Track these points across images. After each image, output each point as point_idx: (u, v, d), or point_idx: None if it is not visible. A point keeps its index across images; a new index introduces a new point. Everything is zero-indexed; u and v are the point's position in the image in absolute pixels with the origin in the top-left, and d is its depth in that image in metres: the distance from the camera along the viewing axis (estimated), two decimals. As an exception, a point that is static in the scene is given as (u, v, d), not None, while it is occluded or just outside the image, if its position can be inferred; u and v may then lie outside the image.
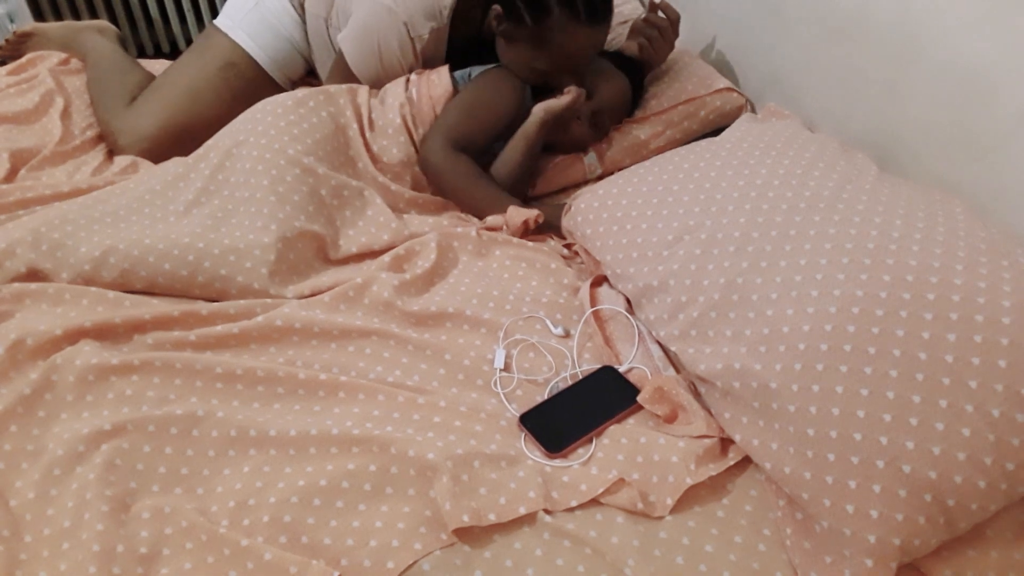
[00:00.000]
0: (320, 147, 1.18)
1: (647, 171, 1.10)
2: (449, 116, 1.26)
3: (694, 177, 1.03)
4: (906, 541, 0.69)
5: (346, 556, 0.72)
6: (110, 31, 1.63)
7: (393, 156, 1.25)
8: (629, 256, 1.01)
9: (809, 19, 1.26)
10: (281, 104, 1.21)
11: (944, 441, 0.69)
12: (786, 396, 0.78)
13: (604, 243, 1.06)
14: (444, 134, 1.24)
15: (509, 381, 0.93)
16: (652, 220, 1.01)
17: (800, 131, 1.09)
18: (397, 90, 1.31)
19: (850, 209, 0.89)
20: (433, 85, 1.30)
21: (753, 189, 0.96)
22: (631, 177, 1.11)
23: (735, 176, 1.00)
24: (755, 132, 1.10)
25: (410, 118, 1.28)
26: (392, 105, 1.28)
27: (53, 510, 0.77)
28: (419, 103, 1.29)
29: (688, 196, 1.01)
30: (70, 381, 0.87)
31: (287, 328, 0.96)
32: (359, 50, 1.33)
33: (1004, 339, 0.71)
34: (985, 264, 0.78)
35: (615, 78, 1.34)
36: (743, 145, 1.06)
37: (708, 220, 0.96)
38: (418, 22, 1.30)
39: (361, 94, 1.29)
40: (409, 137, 1.27)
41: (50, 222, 1.03)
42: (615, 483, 0.79)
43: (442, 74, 1.31)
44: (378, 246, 1.13)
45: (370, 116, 1.27)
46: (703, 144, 1.13)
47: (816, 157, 1.00)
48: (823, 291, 0.81)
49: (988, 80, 0.94)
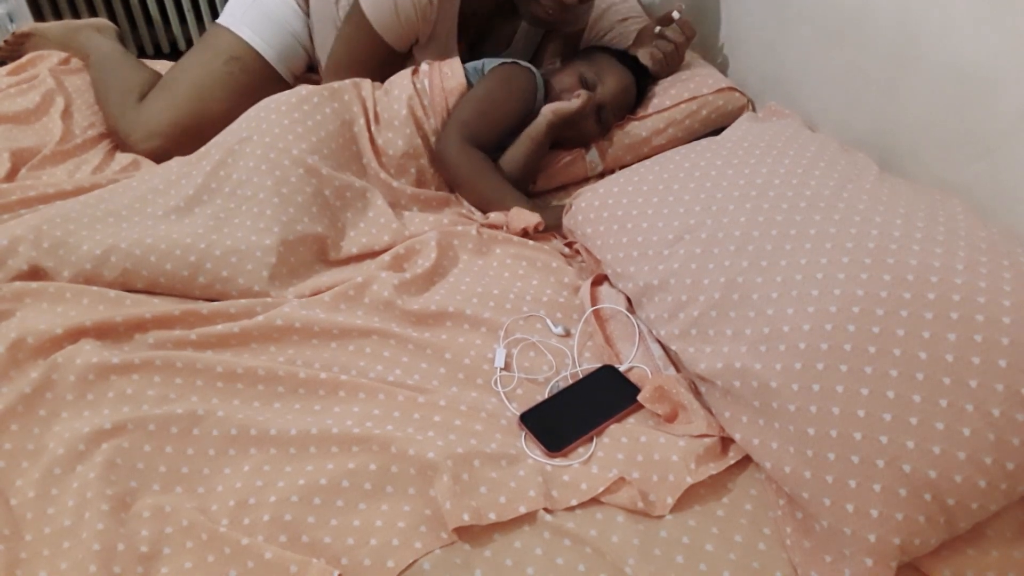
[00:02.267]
0: (324, 145, 1.18)
1: (647, 170, 1.11)
2: (463, 112, 1.27)
3: (695, 176, 1.03)
4: (906, 540, 0.69)
5: (346, 555, 0.72)
6: (109, 29, 1.64)
7: (398, 148, 1.25)
8: (629, 255, 1.01)
9: (809, 19, 1.26)
10: (285, 102, 1.21)
11: (944, 440, 0.69)
12: (786, 395, 0.78)
13: (604, 242, 1.06)
14: (458, 129, 1.24)
15: (509, 380, 0.93)
16: (652, 219, 1.01)
17: (801, 130, 1.09)
18: (404, 83, 1.30)
19: (851, 209, 0.89)
20: (446, 77, 1.30)
21: (754, 188, 0.96)
22: (632, 176, 1.11)
23: (736, 175, 1.00)
24: (756, 131, 1.10)
25: (419, 109, 1.27)
26: (399, 97, 1.27)
27: (54, 509, 0.77)
28: (431, 94, 1.28)
29: (689, 195, 1.01)
30: (71, 380, 0.87)
31: (287, 327, 0.96)
32: (375, 3, 1.31)
33: (1004, 339, 0.71)
34: (985, 264, 0.78)
35: (620, 73, 1.35)
36: (744, 144, 1.06)
37: (709, 219, 0.96)
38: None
39: (366, 88, 1.29)
40: (416, 128, 1.27)
41: (52, 220, 1.03)
42: (615, 482, 0.79)
43: (455, 66, 1.31)
44: (378, 247, 1.13)
45: (375, 109, 1.27)
46: (704, 143, 1.13)
47: (817, 157, 1.00)
48: (824, 290, 0.81)
49: (988, 80, 0.94)
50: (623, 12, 1.63)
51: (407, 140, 1.26)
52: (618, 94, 1.34)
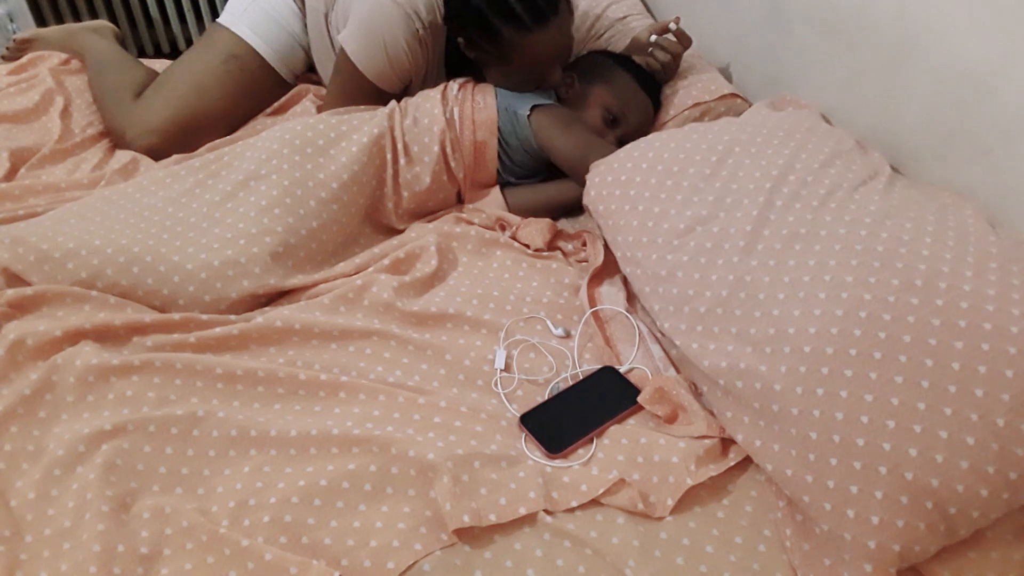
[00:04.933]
0: (346, 191, 1.16)
1: (663, 145, 1.08)
2: (571, 145, 1.24)
3: (711, 161, 1.02)
4: (906, 547, 0.69)
5: (346, 556, 0.72)
6: (107, 30, 1.64)
7: (423, 184, 1.22)
8: (639, 240, 1.00)
9: (809, 19, 1.26)
10: (300, 135, 1.17)
11: (947, 449, 0.69)
12: (790, 398, 0.77)
13: (616, 222, 1.05)
14: (584, 150, 1.22)
15: (510, 381, 0.93)
16: (666, 204, 1.00)
17: (819, 123, 1.08)
18: (434, 111, 1.24)
19: (861, 210, 0.88)
20: (478, 108, 1.26)
21: (769, 181, 0.95)
22: (647, 150, 1.09)
23: (752, 166, 0.99)
24: (775, 120, 1.08)
25: (449, 146, 1.23)
26: (429, 128, 1.23)
27: (54, 510, 0.77)
28: (460, 126, 1.25)
29: (704, 183, 0.99)
30: (70, 382, 0.86)
31: (287, 329, 0.96)
32: (363, 47, 1.30)
33: (1012, 348, 0.70)
34: (995, 271, 0.77)
35: (643, 106, 1.34)
36: (763, 131, 1.05)
37: (722, 212, 0.95)
38: (422, 13, 1.28)
39: (395, 118, 1.24)
40: (444, 165, 1.23)
41: (44, 235, 1.01)
42: (615, 483, 0.79)
43: (487, 97, 1.27)
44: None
45: (404, 140, 1.22)
46: (723, 123, 1.11)
47: (833, 154, 0.99)
48: (831, 293, 0.80)
49: (988, 81, 0.94)
50: (622, 10, 1.62)
51: (435, 177, 1.22)
52: (640, 127, 1.34)
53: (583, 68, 1.37)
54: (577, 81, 1.35)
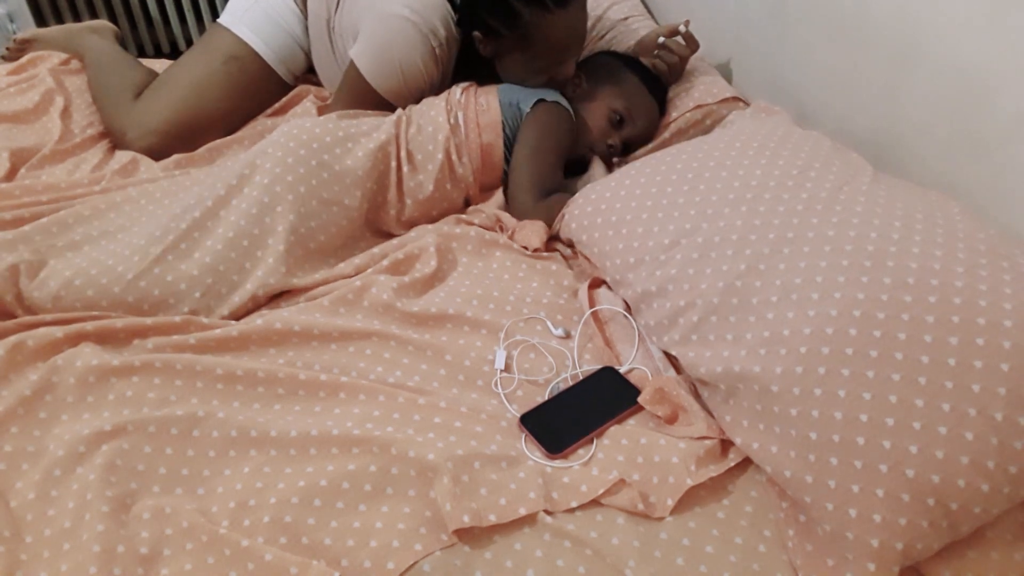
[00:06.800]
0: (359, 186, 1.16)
1: (638, 172, 1.09)
2: (523, 176, 1.23)
3: (687, 179, 1.02)
4: (909, 545, 0.69)
5: (346, 557, 0.72)
6: (106, 30, 1.64)
7: (426, 192, 1.21)
8: (627, 262, 1.01)
9: (809, 19, 1.26)
10: (306, 145, 1.15)
11: (947, 445, 0.69)
12: (788, 399, 0.77)
13: (601, 249, 1.06)
14: (527, 191, 1.22)
15: (510, 382, 0.93)
16: (648, 224, 1.01)
17: (792, 129, 1.08)
18: (438, 118, 1.23)
19: (848, 211, 0.89)
20: (482, 111, 1.25)
21: (748, 191, 0.96)
22: (623, 180, 1.10)
23: (729, 177, 0.99)
24: (747, 131, 1.09)
25: (454, 151, 1.22)
26: (433, 136, 1.22)
27: (54, 511, 0.77)
28: (466, 129, 1.24)
29: (683, 199, 1.00)
30: (71, 382, 0.87)
31: (286, 331, 0.96)
32: (378, 65, 1.29)
33: (1006, 342, 0.71)
34: (985, 266, 0.77)
35: (650, 110, 1.34)
36: (736, 144, 1.05)
37: (704, 223, 0.95)
38: (439, 31, 1.27)
39: (401, 126, 1.23)
40: (449, 172, 1.22)
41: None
42: (615, 484, 0.79)
43: (491, 100, 1.27)
44: None
45: (408, 148, 1.22)
46: (694, 143, 1.11)
47: (811, 157, 0.99)
48: (823, 294, 0.81)
49: (988, 80, 0.94)
50: (624, 11, 1.63)
51: (437, 184, 1.21)
52: (645, 130, 1.34)
53: (591, 68, 1.37)
54: (585, 81, 1.35)
